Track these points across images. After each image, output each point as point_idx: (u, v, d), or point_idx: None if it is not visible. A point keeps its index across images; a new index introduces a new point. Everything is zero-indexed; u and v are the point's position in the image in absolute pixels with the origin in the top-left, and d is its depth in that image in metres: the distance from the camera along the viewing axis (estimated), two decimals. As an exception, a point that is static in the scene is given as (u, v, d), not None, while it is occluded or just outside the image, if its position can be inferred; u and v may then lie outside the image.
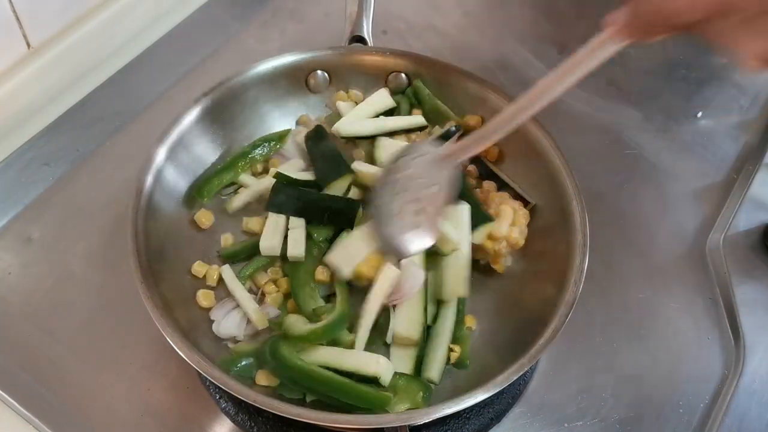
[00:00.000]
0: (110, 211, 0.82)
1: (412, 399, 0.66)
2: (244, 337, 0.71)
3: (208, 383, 0.70)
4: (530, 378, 0.73)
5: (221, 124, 0.82)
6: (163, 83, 0.94)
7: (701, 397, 0.74)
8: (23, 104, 0.89)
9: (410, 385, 0.67)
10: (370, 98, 0.86)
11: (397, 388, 0.67)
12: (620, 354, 0.76)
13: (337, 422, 0.61)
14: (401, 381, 0.67)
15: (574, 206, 0.74)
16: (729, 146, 0.96)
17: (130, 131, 0.90)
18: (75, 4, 0.92)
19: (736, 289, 0.80)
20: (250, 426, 0.68)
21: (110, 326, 0.74)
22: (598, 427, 0.71)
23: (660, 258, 0.84)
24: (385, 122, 0.85)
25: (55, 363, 0.71)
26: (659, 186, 0.91)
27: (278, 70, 0.85)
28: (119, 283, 0.76)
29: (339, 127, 0.83)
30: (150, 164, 0.74)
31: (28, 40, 0.88)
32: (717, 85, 1.03)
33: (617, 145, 0.94)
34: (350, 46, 0.90)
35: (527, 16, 1.10)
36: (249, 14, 1.05)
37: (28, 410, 0.68)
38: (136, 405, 0.69)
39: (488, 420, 0.70)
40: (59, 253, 0.79)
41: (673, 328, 0.78)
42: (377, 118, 0.85)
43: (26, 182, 0.84)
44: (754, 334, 0.77)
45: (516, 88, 0.94)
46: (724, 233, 0.84)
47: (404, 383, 0.67)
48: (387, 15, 1.05)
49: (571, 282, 0.69)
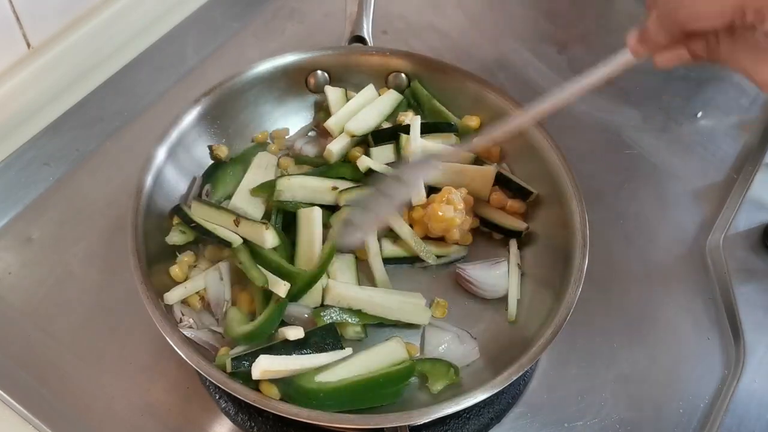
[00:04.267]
0: (110, 211, 0.82)
1: (446, 376, 0.68)
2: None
3: (208, 383, 0.70)
4: (530, 378, 0.73)
5: (221, 125, 0.83)
6: (163, 83, 0.94)
7: (701, 397, 0.74)
8: (23, 104, 0.89)
9: (436, 365, 0.69)
10: (359, 94, 0.86)
11: (426, 371, 0.69)
12: (620, 354, 0.76)
13: (337, 422, 0.61)
14: (427, 364, 0.69)
15: (574, 206, 0.74)
16: (729, 146, 0.96)
17: (130, 131, 0.90)
18: (75, 4, 0.92)
19: (736, 289, 0.80)
20: (250, 426, 0.68)
21: (110, 326, 0.74)
22: (598, 427, 0.71)
23: (660, 258, 0.84)
24: (382, 109, 0.84)
25: (55, 363, 0.71)
26: (659, 186, 0.91)
27: (278, 70, 0.85)
28: (119, 283, 0.76)
29: (351, 127, 0.82)
30: (150, 164, 0.74)
31: (28, 40, 0.88)
32: (717, 85, 1.03)
33: (617, 145, 0.94)
34: (350, 46, 0.90)
35: (527, 16, 1.10)
36: (249, 14, 1.05)
37: (28, 410, 0.68)
38: (136, 405, 0.69)
39: (488, 420, 0.70)
40: (59, 253, 0.79)
41: (673, 328, 0.78)
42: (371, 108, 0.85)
43: (26, 182, 0.84)
44: (754, 334, 0.77)
45: (516, 88, 0.95)
46: (724, 233, 0.84)
47: (430, 366, 0.69)
48: (387, 15, 1.05)
49: (571, 282, 0.69)
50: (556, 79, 1.01)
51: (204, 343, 0.69)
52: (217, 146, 0.82)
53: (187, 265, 0.74)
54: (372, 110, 0.84)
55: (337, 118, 0.84)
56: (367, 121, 0.83)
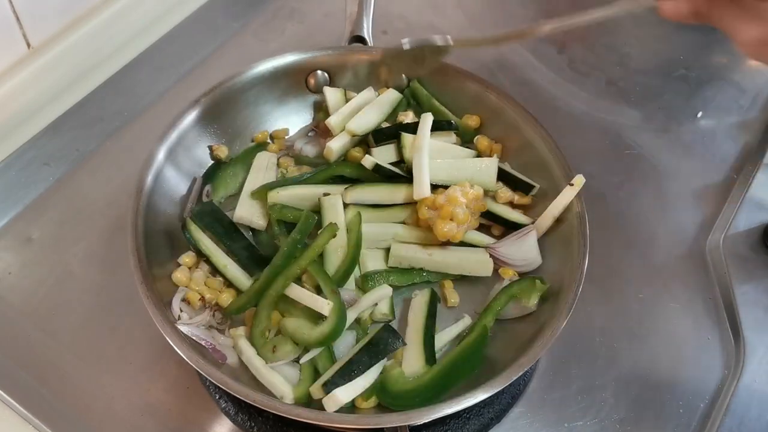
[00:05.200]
0: (110, 211, 0.82)
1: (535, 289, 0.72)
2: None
3: (208, 383, 0.70)
4: (530, 378, 0.73)
5: (221, 125, 0.83)
6: (163, 83, 0.95)
7: (701, 397, 0.74)
8: (23, 104, 0.89)
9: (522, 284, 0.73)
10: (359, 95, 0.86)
11: (516, 294, 0.73)
12: (620, 354, 0.76)
13: (337, 422, 0.61)
14: (515, 288, 0.73)
15: (574, 206, 0.74)
16: (729, 146, 0.96)
17: (130, 131, 0.90)
18: (75, 4, 0.92)
19: (736, 289, 0.80)
20: (250, 426, 0.68)
21: (110, 326, 0.74)
22: (598, 427, 0.71)
23: (660, 258, 0.84)
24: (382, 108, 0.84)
25: (55, 363, 0.71)
26: (659, 186, 0.91)
27: (278, 70, 0.85)
28: (119, 283, 0.76)
29: (352, 126, 0.82)
30: (150, 164, 0.74)
31: (28, 40, 0.88)
32: (717, 85, 1.03)
33: (617, 145, 0.94)
34: (350, 46, 0.90)
35: (527, 16, 1.10)
36: (249, 14, 1.05)
37: (28, 410, 0.68)
38: (136, 405, 0.69)
39: (488, 420, 0.70)
40: (59, 253, 0.79)
41: (673, 328, 0.78)
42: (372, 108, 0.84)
43: (26, 182, 0.84)
44: (754, 334, 0.77)
45: (516, 88, 0.95)
46: (724, 233, 0.84)
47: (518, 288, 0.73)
48: (387, 15, 1.05)
49: (571, 282, 0.69)
50: (556, 79, 1.01)
51: (201, 340, 0.69)
52: (217, 146, 0.82)
53: (187, 268, 0.74)
54: (373, 109, 0.84)
55: (339, 116, 0.83)
56: (368, 121, 0.83)
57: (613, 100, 0.99)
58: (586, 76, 1.01)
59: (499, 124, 0.84)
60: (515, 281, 0.74)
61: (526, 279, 0.74)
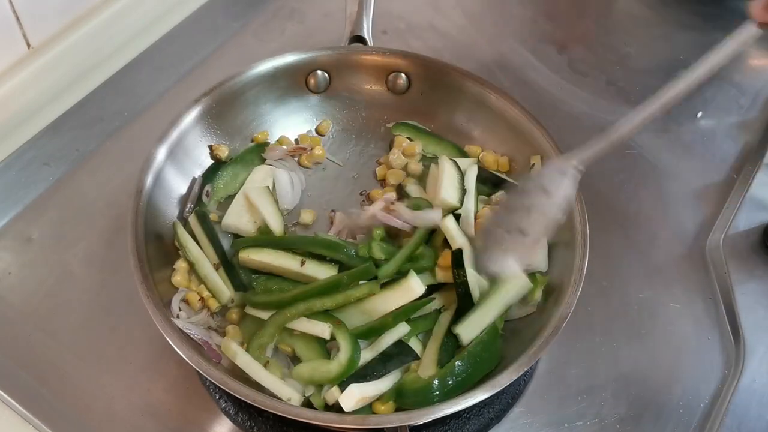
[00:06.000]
0: (110, 211, 0.82)
1: (537, 282, 0.73)
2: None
3: (208, 383, 0.70)
4: (530, 378, 0.73)
5: (221, 124, 0.83)
6: (163, 83, 0.95)
7: (701, 397, 0.74)
8: (23, 104, 0.89)
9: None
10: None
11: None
12: (620, 354, 0.76)
13: (337, 422, 0.61)
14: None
15: (574, 207, 0.74)
16: (729, 146, 0.96)
17: (130, 131, 0.90)
18: (75, 4, 0.92)
19: (736, 289, 0.80)
20: (250, 426, 0.68)
21: (110, 326, 0.74)
22: (598, 427, 0.71)
23: (660, 258, 0.84)
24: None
25: (55, 363, 0.71)
26: (659, 186, 0.91)
27: (278, 70, 0.85)
28: (119, 283, 0.76)
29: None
30: (150, 164, 0.74)
31: (28, 40, 0.88)
32: (717, 85, 1.03)
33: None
34: (350, 46, 0.90)
35: (527, 16, 1.10)
36: (249, 14, 1.05)
37: (28, 410, 0.68)
38: (136, 405, 0.69)
39: (488, 420, 0.70)
40: (59, 253, 0.79)
41: (673, 328, 0.78)
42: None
43: (26, 182, 0.84)
44: (754, 334, 0.77)
45: (516, 88, 0.95)
46: (724, 233, 0.84)
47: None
48: (387, 15, 1.05)
49: (571, 282, 0.69)
50: (556, 79, 1.01)
51: (199, 339, 0.69)
52: (217, 146, 0.82)
53: (187, 269, 0.74)
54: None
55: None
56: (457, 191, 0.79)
57: (613, 100, 0.99)
58: (586, 76, 1.01)
59: (500, 124, 0.84)
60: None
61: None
